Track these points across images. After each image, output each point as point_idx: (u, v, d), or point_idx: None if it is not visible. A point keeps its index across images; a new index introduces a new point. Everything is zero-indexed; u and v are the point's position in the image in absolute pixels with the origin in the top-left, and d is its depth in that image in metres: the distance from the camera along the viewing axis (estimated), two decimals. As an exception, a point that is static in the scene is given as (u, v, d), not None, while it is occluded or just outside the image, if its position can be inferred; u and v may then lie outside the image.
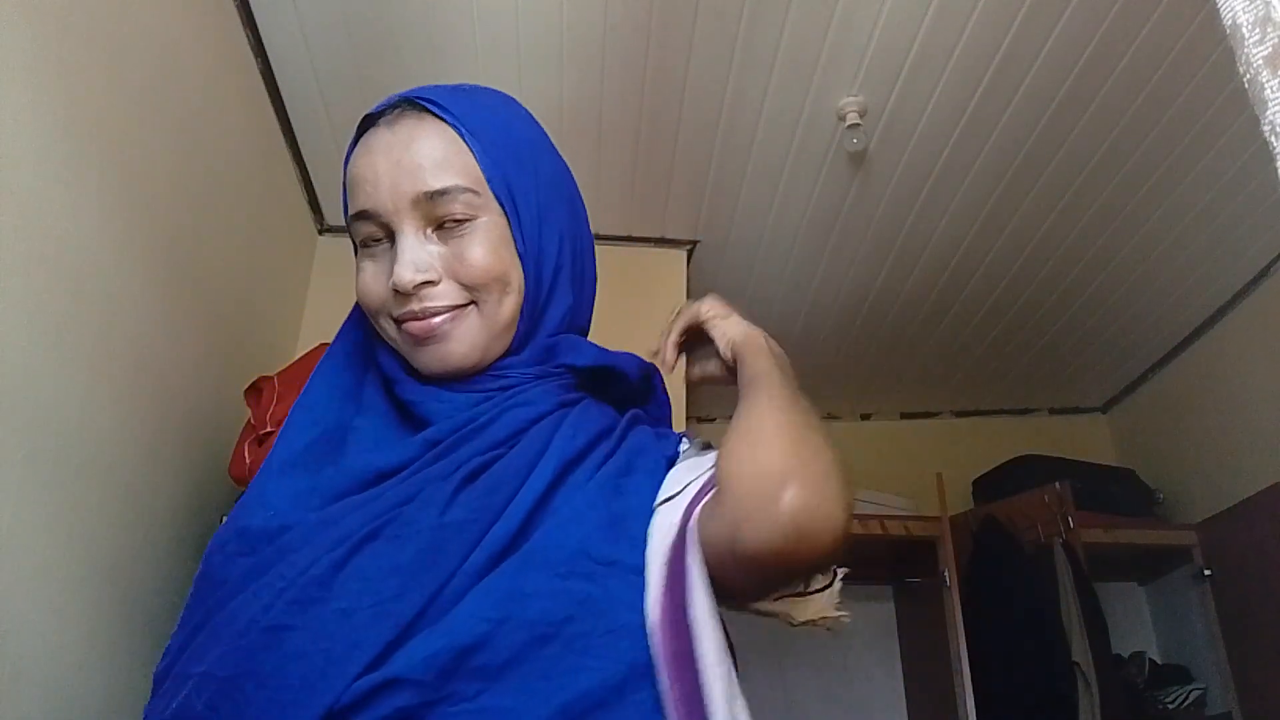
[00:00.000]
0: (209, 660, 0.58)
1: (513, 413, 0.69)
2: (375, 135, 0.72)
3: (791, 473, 0.57)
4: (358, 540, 0.60)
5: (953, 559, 2.43)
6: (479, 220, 0.70)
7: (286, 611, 0.57)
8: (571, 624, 0.57)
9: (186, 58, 1.42)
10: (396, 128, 0.71)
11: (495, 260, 0.70)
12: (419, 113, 0.72)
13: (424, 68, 1.73)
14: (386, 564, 0.59)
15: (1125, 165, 2.04)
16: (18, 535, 0.99)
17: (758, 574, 0.59)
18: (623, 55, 1.72)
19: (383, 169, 0.69)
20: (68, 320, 1.09)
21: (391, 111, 0.73)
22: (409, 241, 0.69)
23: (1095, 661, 2.19)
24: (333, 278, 2.10)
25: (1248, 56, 0.45)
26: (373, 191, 0.69)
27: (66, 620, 1.09)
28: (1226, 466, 2.54)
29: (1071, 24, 1.66)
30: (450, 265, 0.69)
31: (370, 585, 0.58)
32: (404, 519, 0.62)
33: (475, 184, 0.70)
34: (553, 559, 0.60)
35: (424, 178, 0.69)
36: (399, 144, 0.70)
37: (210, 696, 0.56)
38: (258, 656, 0.56)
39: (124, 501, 1.24)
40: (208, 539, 0.72)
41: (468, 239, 0.69)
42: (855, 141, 1.84)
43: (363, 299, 0.73)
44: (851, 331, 2.69)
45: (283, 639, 0.56)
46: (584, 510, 0.63)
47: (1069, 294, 2.54)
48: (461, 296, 0.70)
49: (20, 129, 0.99)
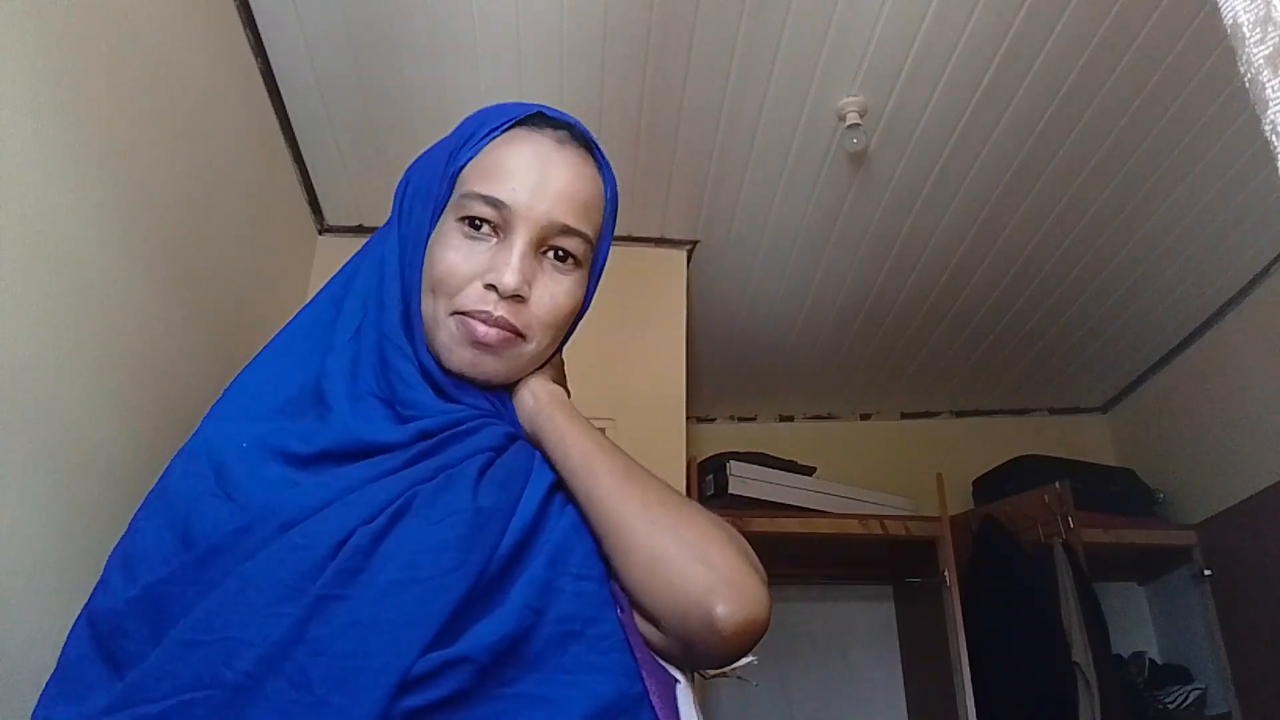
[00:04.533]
0: (232, 626, 0.57)
1: (493, 429, 0.72)
2: (540, 140, 0.74)
3: (710, 591, 0.60)
4: (392, 514, 0.62)
5: (953, 559, 2.43)
6: (579, 270, 0.75)
7: (334, 581, 0.57)
8: (594, 625, 0.60)
9: (186, 58, 1.42)
10: (564, 151, 0.74)
11: (571, 309, 0.75)
12: (586, 150, 0.76)
13: (424, 68, 1.73)
14: (430, 540, 0.60)
15: (1125, 165, 2.04)
16: (18, 535, 0.99)
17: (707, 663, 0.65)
18: (623, 55, 1.72)
19: (538, 176, 0.72)
20: (68, 320, 1.09)
21: (561, 129, 0.75)
22: (522, 250, 0.71)
23: (1095, 661, 2.19)
24: (333, 278, 2.10)
25: (1249, 56, 0.45)
26: (518, 189, 0.72)
27: (66, 620, 1.09)
28: (1226, 466, 2.54)
29: (1071, 24, 1.66)
30: (539, 295, 0.73)
31: (417, 559, 0.59)
32: (431, 500, 0.63)
33: (594, 238, 0.75)
34: (570, 560, 0.63)
35: (569, 211, 0.72)
36: (564, 166, 0.73)
37: (251, 666, 0.54)
38: (308, 625, 0.56)
39: (124, 501, 1.23)
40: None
41: (565, 280, 0.74)
42: (855, 141, 1.84)
43: (446, 274, 0.73)
44: (851, 331, 2.69)
45: (333, 608, 0.56)
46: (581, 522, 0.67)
47: (1068, 294, 2.54)
48: (526, 327, 0.73)
49: (20, 129, 0.99)
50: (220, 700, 0.54)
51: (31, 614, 1.01)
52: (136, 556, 0.67)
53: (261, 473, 0.67)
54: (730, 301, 2.49)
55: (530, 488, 0.67)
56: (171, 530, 0.66)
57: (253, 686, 0.54)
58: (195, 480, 0.69)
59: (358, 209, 2.10)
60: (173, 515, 0.67)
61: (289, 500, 0.64)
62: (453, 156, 0.75)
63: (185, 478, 0.70)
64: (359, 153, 1.93)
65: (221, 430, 0.74)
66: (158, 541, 0.66)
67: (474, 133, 0.76)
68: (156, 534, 0.67)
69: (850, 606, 2.93)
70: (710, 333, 2.61)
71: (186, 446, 0.75)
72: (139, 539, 0.68)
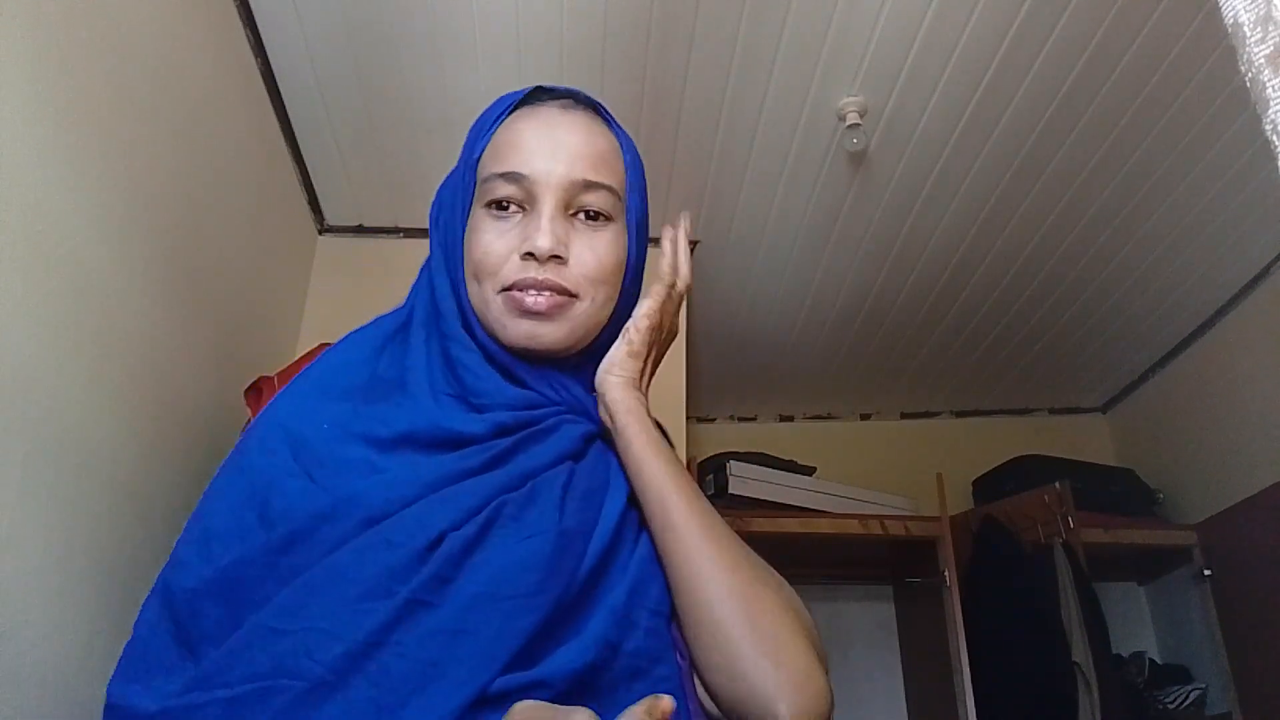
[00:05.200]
0: (317, 618, 0.56)
1: (570, 429, 0.72)
2: (545, 110, 0.75)
3: (778, 691, 0.58)
4: (481, 523, 0.61)
5: (953, 559, 2.43)
6: (612, 223, 0.74)
7: (425, 587, 0.57)
8: (659, 665, 0.60)
9: (186, 58, 1.42)
10: (571, 114, 0.75)
11: (615, 262, 0.74)
12: (592, 111, 0.77)
13: (424, 68, 1.73)
14: (517, 556, 0.60)
15: (1125, 165, 2.04)
16: (18, 535, 0.99)
17: None
18: (623, 55, 1.72)
19: (548, 141, 0.72)
20: (68, 320, 1.09)
21: (564, 99, 0.76)
22: (550, 213, 0.71)
23: (1095, 661, 2.19)
24: (333, 278, 2.10)
25: (1249, 55, 0.45)
26: (532, 158, 0.72)
27: (66, 620, 1.09)
28: (1226, 466, 2.54)
29: (1071, 24, 1.66)
30: (579, 253, 0.72)
31: (504, 575, 0.59)
32: (519, 513, 0.63)
33: (620, 190, 0.75)
34: (648, 594, 0.63)
35: (587, 166, 0.72)
36: (573, 127, 0.74)
37: (335, 660, 0.54)
38: (395, 627, 0.55)
39: (124, 501, 1.24)
40: None
41: (600, 236, 0.73)
42: (855, 141, 1.84)
43: (484, 256, 0.72)
44: (851, 331, 2.69)
45: (420, 613, 0.56)
46: (654, 554, 0.67)
47: (1069, 294, 2.54)
48: (575, 285, 0.72)
49: (20, 129, 0.99)
50: (299, 691, 0.53)
51: (32, 613, 1.01)
52: (213, 534, 0.66)
53: (341, 453, 0.67)
54: (730, 301, 2.49)
55: (608, 506, 0.67)
56: (249, 508, 0.65)
57: (334, 681, 0.53)
58: (272, 457, 0.68)
59: (358, 209, 2.10)
60: (251, 492, 0.66)
61: (373, 490, 0.63)
62: (469, 153, 0.76)
63: (262, 454, 0.69)
64: (359, 153, 1.93)
65: (298, 408, 0.72)
66: (236, 519, 0.65)
67: (483, 124, 0.77)
68: (233, 512, 0.66)
69: (850, 606, 2.93)
70: (710, 333, 2.61)
71: (260, 422, 0.74)
72: (215, 518, 0.67)
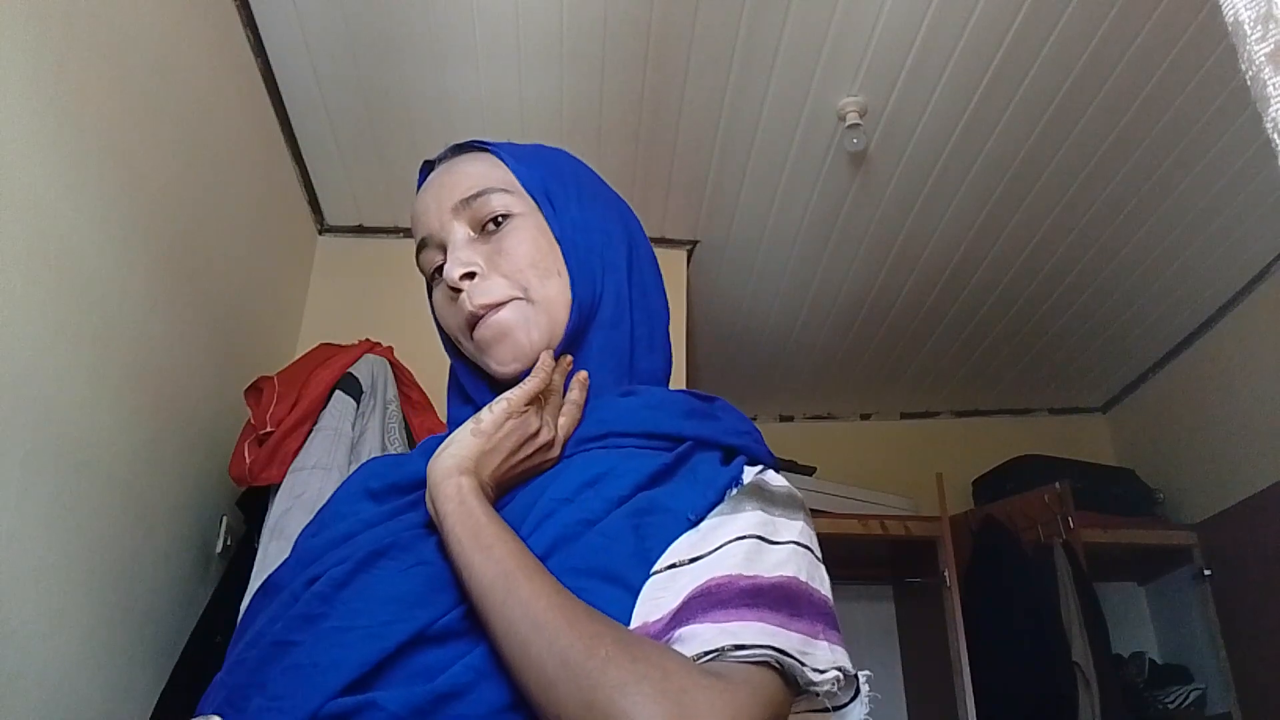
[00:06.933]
0: (230, 665, 0.62)
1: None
2: (428, 180, 0.78)
3: None
4: (360, 559, 0.61)
5: (953, 559, 2.43)
6: (515, 217, 0.74)
7: (290, 626, 0.59)
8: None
9: (186, 58, 1.42)
10: (443, 166, 0.78)
11: (532, 247, 0.73)
12: (467, 151, 0.78)
13: (424, 69, 1.73)
14: (387, 590, 0.60)
15: (1125, 165, 2.04)
16: (18, 535, 0.99)
17: None
18: (623, 55, 1.72)
19: (430, 197, 0.76)
20: (68, 320, 1.09)
21: (444, 160, 0.79)
22: (455, 244, 0.73)
23: (1095, 661, 2.19)
24: (333, 278, 2.10)
25: (1250, 54, 0.45)
26: (424, 218, 0.75)
27: (66, 620, 1.09)
28: (1226, 466, 2.54)
29: (1071, 24, 1.66)
30: (493, 260, 0.73)
31: (366, 607, 0.59)
32: (411, 545, 0.63)
33: (508, 185, 0.75)
34: None
35: (461, 190, 0.74)
36: (442, 174, 0.77)
37: (226, 697, 0.59)
38: (262, 669, 0.58)
39: (124, 501, 1.24)
40: (208, 539, 0.74)
41: (505, 233, 0.73)
42: (855, 141, 1.84)
43: (442, 323, 0.77)
44: (851, 332, 2.69)
45: (282, 653, 0.59)
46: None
47: (1069, 294, 2.54)
48: (511, 289, 0.72)
49: (20, 129, 0.99)
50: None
51: (32, 613, 1.01)
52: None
53: (332, 506, 0.73)
54: (730, 301, 2.49)
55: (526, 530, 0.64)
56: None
57: (231, 714, 0.58)
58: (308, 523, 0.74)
59: (358, 209, 2.10)
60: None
61: (318, 539, 0.67)
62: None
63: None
64: (359, 153, 1.93)
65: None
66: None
67: None
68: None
69: (850, 606, 2.93)
70: (710, 333, 2.61)
71: None
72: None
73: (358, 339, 1.66)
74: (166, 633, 1.37)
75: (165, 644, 1.36)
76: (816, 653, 0.57)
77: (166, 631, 1.37)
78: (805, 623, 0.58)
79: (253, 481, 1.43)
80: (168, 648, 1.36)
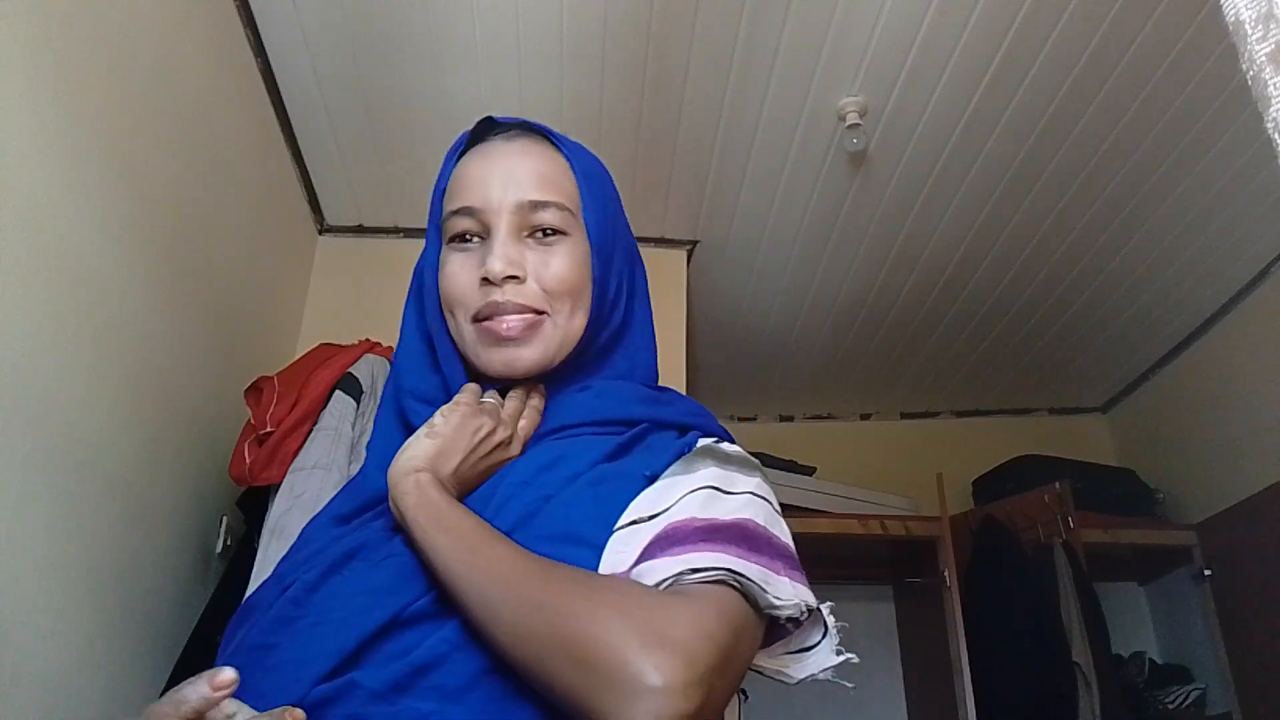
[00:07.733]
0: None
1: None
2: (491, 145, 0.77)
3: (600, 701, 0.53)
4: (331, 562, 0.64)
5: (953, 559, 2.43)
6: (568, 237, 0.75)
7: (269, 629, 0.62)
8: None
9: (186, 58, 1.42)
10: (514, 143, 0.77)
11: (576, 274, 0.74)
12: (537, 136, 0.78)
13: (424, 69, 1.73)
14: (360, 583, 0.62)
15: (1125, 165, 2.04)
16: (18, 535, 0.99)
17: None
18: (623, 55, 1.72)
19: (495, 172, 0.75)
20: (67, 320, 1.09)
21: (510, 130, 0.78)
22: (503, 238, 0.73)
23: (1095, 661, 2.19)
24: (333, 278, 2.10)
25: (1250, 53, 0.45)
26: (481, 190, 0.74)
27: (66, 619, 1.09)
28: (1226, 466, 2.54)
29: (1071, 24, 1.66)
30: (536, 270, 0.73)
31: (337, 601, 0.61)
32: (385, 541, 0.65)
33: (572, 205, 0.75)
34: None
35: (530, 188, 0.74)
36: (514, 154, 0.76)
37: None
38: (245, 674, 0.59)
39: (124, 501, 1.23)
40: (208, 539, 0.75)
41: (555, 250, 0.74)
42: (855, 141, 1.84)
43: (448, 288, 0.75)
44: (851, 332, 2.69)
45: (263, 655, 0.60)
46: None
47: (1069, 294, 2.54)
48: (540, 302, 0.73)
49: (20, 129, 0.99)
50: None
51: (32, 612, 1.01)
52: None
53: (305, 534, 0.73)
54: (730, 301, 2.49)
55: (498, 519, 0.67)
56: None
57: None
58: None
59: (357, 209, 2.10)
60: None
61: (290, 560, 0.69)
62: (434, 200, 0.79)
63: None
64: (359, 153, 1.93)
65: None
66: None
67: (443, 171, 0.80)
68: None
69: (850, 606, 2.92)
70: (710, 333, 2.61)
71: None
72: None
73: (358, 339, 1.66)
74: (166, 633, 1.37)
75: (165, 644, 1.36)
76: (778, 584, 0.61)
77: (166, 631, 1.37)
78: (764, 558, 0.61)
79: (253, 481, 1.43)
80: (168, 648, 1.36)
